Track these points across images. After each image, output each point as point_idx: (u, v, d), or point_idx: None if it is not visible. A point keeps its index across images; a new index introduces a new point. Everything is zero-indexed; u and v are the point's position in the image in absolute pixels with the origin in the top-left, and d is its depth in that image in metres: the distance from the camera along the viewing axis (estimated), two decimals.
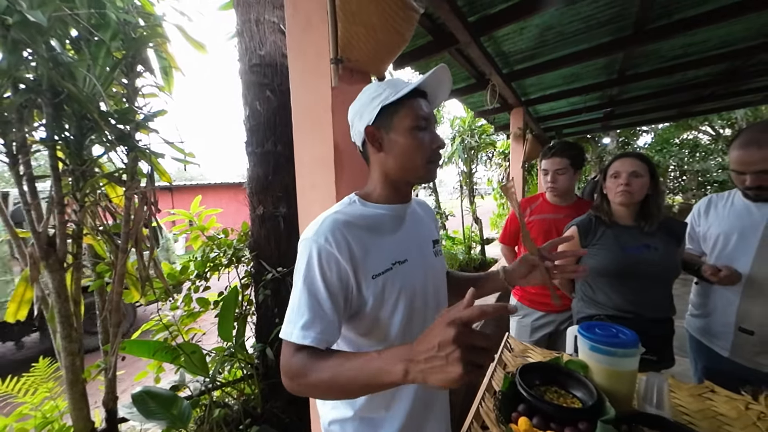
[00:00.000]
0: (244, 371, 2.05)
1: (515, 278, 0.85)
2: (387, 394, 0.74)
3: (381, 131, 0.72)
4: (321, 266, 0.63)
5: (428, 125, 0.72)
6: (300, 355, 0.61)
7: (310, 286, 0.63)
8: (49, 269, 1.38)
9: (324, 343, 0.62)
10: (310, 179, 1.04)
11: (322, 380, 0.57)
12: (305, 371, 0.59)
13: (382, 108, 0.69)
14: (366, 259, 0.67)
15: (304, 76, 1.00)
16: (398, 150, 0.71)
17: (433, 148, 0.72)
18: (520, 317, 1.87)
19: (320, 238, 0.64)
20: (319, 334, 0.62)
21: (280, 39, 2.09)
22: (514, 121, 3.71)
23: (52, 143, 1.37)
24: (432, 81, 0.71)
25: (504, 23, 1.97)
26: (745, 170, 1.15)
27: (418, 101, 0.71)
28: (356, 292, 0.67)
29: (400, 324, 0.71)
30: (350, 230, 0.66)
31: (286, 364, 0.62)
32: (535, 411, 0.79)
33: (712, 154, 9.74)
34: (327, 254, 0.63)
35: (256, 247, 2.13)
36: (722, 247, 1.28)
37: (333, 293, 0.64)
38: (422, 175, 0.73)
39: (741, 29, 2.30)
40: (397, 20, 0.86)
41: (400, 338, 0.71)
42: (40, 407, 1.54)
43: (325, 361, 0.58)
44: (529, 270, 0.83)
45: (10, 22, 1.20)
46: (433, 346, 0.45)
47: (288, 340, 0.63)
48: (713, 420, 0.85)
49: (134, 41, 1.56)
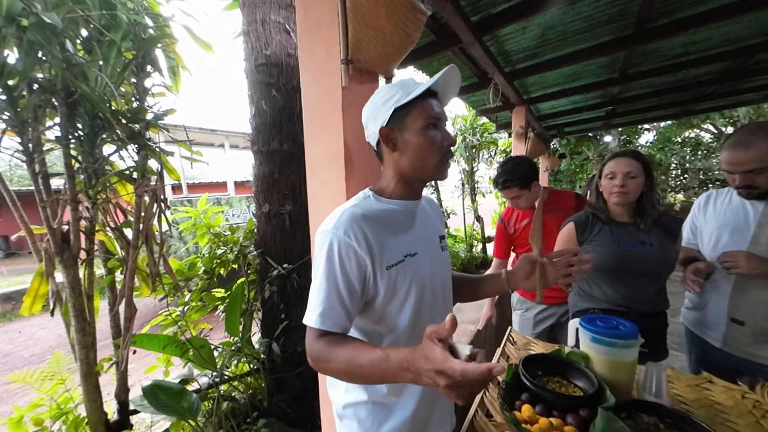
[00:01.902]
0: (250, 366, 2.09)
1: (517, 281, 0.88)
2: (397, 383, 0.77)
3: (395, 132, 0.74)
4: (341, 257, 0.67)
5: (439, 124, 0.74)
6: (321, 341, 0.66)
7: (330, 276, 0.67)
8: (64, 264, 1.42)
9: (340, 329, 0.68)
10: (320, 177, 1.07)
11: (341, 369, 0.63)
12: (325, 357, 0.64)
13: (395, 109, 0.72)
14: (381, 250, 0.70)
15: (314, 77, 1.03)
16: (412, 149, 0.73)
17: (445, 146, 0.75)
18: (523, 311, 1.91)
19: (339, 231, 0.67)
20: (335, 320, 0.67)
21: (286, 39, 2.12)
22: (516, 119, 3.72)
23: (67, 142, 1.41)
24: (442, 81, 0.73)
25: (506, 23, 1.99)
26: (734, 170, 1.18)
27: (429, 101, 0.73)
28: (372, 282, 0.70)
29: (411, 313, 0.74)
30: (367, 223, 0.69)
31: (309, 347, 0.67)
32: (537, 399, 0.83)
33: (714, 152, 9.72)
34: (346, 245, 0.67)
35: (262, 244, 2.16)
36: (716, 242, 1.31)
37: (351, 282, 0.68)
38: (435, 173, 0.76)
39: (742, 28, 2.32)
40: (406, 22, 0.89)
41: (410, 327, 0.75)
42: (55, 398, 1.58)
43: (341, 350, 0.63)
44: (531, 270, 0.86)
45: (26, 23, 1.23)
46: (431, 376, 0.49)
47: (309, 326, 0.68)
48: (710, 408, 0.88)
49: (144, 42, 1.59)
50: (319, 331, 0.67)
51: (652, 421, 0.77)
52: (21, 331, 5.75)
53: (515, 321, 1.99)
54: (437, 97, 0.77)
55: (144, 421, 1.93)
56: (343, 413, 0.80)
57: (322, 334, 0.67)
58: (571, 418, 0.76)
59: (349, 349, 0.62)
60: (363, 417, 0.77)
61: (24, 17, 1.24)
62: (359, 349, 0.61)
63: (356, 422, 0.78)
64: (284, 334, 2.02)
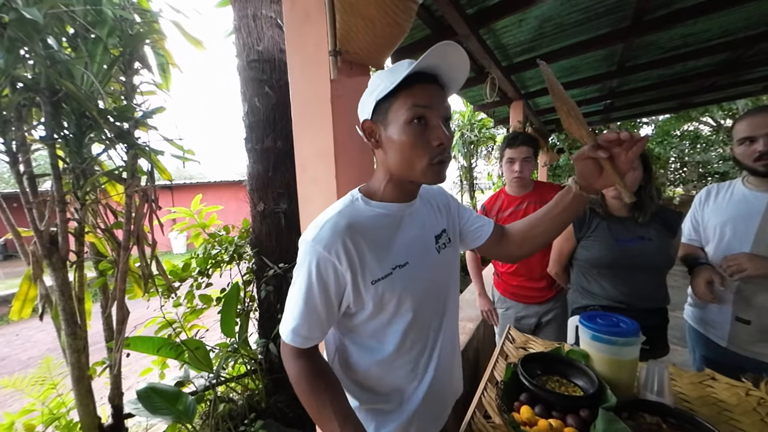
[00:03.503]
0: (247, 367, 2.06)
1: (592, 183, 0.69)
2: (395, 391, 0.75)
3: (378, 126, 0.66)
4: (319, 273, 0.64)
5: (429, 116, 0.62)
6: (299, 362, 0.67)
7: (306, 293, 0.65)
8: (52, 267, 1.39)
9: (311, 343, 0.67)
10: (310, 173, 1.04)
11: (306, 401, 0.65)
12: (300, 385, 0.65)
13: (378, 101, 0.64)
14: (365, 264, 0.65)
15: (303, 70, 1.00)
16: (394, 148, 0.64)
17: (434, 146, 0.62)
18: (504, 310, 1.87)
19: (319, 246, 0.63)
20: (307, 336, 0.66)
21: (278, 34, 2.08)
22: (514, 114, 3.69)
23: (52, 142, 1.37)
24: (439, 61, 0.61)
25: (503, 15, 1.95)
26: (757, 134, 1.13)
27: (416, 89, 0.61)
28: (354, 297, 0.67)
29: (402, 329, 0.71)
30: (350, 235, 0.64)
31: (286, 363, 0.68)
32: (536, 400, 0.80)
33: (713, 145, 9.68)
34: (325, 261, 0.63)
35: (257, 244, 2.13)
36: (720, 238, 1.28)
37: (329, 299, 0.66)
38: (424, 177, 0.65)
39: (741, 18, 2.28)
40: (396, 11, 0.86)
41: (401, 342, 0.72)
42: (47, 403, 1.56)
43: (315, 395, 0.64)
44: (594, 165, 0.66)
45: (6, 20, 1.19)
46: None
47: (283, 340, 0.68)
48: (713, 406, 0.86)
49: (131, 38, 1.55)
50: (294, 351, 0.67)
51: (655, 420, 0.75)
52: (18, 333, 5.71)
53: (500, 319, 1.94)
54: (439, 83, 0.65)
55: (140, 424, 1.91)
56: None
57: (296, 353, 0.67)
58: (571, 418, 0.74)
59: (322, 398, 0.63)
60: None
61: (4, 14, 1.20)
62: (330, 408, 0.62)
63: None
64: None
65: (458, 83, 0.67)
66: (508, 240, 0.89)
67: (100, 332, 1.71)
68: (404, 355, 0.73)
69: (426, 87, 0.63)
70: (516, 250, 0.88)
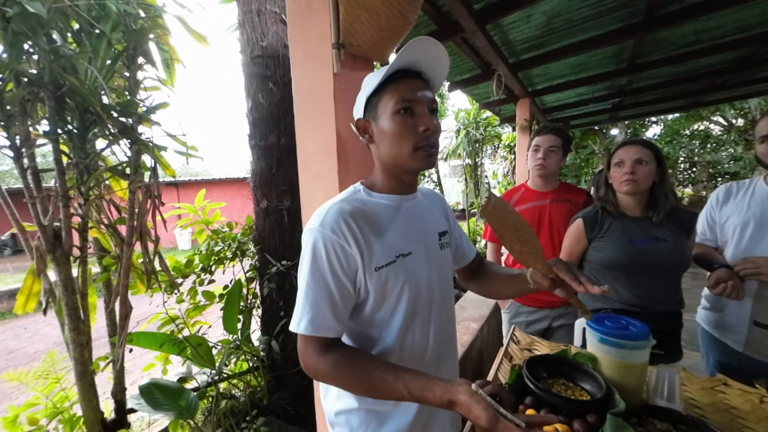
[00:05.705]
0: (250, 363, 2.07)
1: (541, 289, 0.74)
2: None
3: (371, 122, 0.70)
4: (329, 256, 0.62)
5: (415, 107, 0.66)
6: (328, 358, 0.61)
7: (318, 278, 0.63)
8: (56, 262, 1.39)
9: (334, 334, 0.63)
10: (312, 169, 1.02)
11: (361, 386, 0.60)
12: (339, 375, 0.61)
13: (369, 99, 0.68)
14: (370, 250, 0.65)
15: (305, 64, 0.98)
16: (384, 138, 0.68)
17: (420, 132, 0.65)
18: (514, 314, 1.81)
19: (326, 229, 0.63)
20: (327, 326, 0.62)
21: (282, 30, 2.07)
22: (521, 112, 3.64)
23: (56, 136, 1.37)
24: (416, 56, 0.65)
25: (510, 10, 1.91)
26: None
27: (401, 83, 0.66)
28: (363, 283, 0.66)
29: (403, 318, 0.69)
30: (355, 220, 0.65)
31: (312, 363, 0.62)
32: (542, 403, 0.78)
33: (723, 145, 9.52)
34: (333, 243, 0.62)
35: (260, 241, 2.13)
36: (739, 238, 1.23)
37: (342, 282, 0.63)
38: (411, 161, 0.67)
39: (756, 14, 2.22)
40: (402, 3, 0.83)
41: (402, 333, 0.70)
42: (51, 397, 1.57)
43: (363, 372, 0.59)
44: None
45: (10, 14, 1.19)
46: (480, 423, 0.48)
47: (303, 334, 0.62)
48: (725, 413, 0.83)
49: (135, 33, 1.55)
50: (313, 340, 0.62)
51: (665, 427, 0.72)
52: (26, 327, 5.81)
53: (504, 323, 1.90)
54: (423, 78, 0.69)
55: (143, 419, 1.92)
56: (335, 420, 0.76)
57: (322, 347, 0.62)
58: (578, 423, 0.72)
59: (374, 369, 0.59)
60: (355, 425, 0.73)
61: (8, 7, 1.20)
62: (394, 373, 0.58)
63: (348, 430, 0.73)
64: (284, 331, 1.99)
65: (441, 77, 0.72)
66: (477, 274, 0.96)
67: (105, 327, 1.72)
68: (405, 351, 0.72)
69: (411, 81, 0.67)
70: (475, 288, 0.96)
